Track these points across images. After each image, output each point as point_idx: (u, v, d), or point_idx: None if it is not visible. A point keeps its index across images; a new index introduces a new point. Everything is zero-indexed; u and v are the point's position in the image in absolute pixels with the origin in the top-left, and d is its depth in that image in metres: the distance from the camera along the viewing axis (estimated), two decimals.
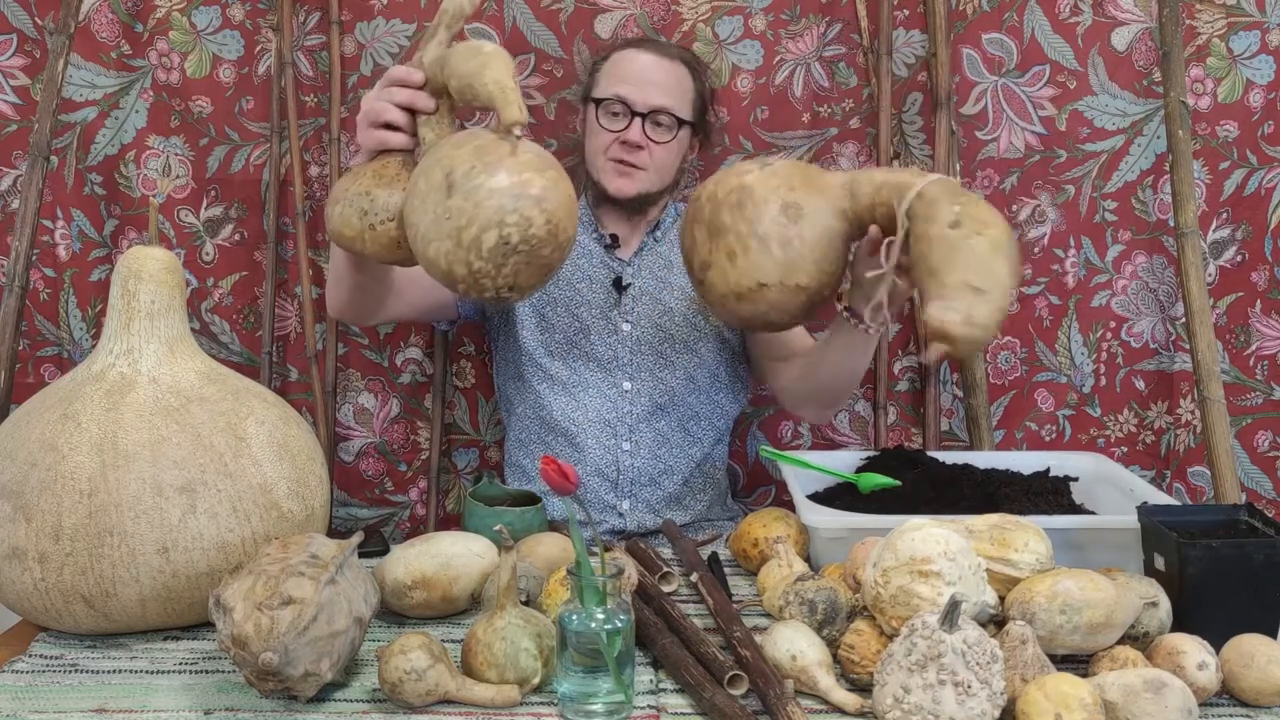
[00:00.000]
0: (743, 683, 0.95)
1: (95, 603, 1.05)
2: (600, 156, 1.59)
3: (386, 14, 1.78)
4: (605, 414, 1.61)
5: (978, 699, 0.87)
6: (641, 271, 1.65)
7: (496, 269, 1.03)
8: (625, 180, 1.58)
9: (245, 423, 1.13)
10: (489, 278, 1.04)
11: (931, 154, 1.77)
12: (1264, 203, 1.78)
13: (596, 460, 1.61)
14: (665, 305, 1.63)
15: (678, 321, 1.63)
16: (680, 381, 1.62)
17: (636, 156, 1.57)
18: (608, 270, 1.64)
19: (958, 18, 1.78)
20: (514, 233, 1.01)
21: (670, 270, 1.65)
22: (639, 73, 1.57)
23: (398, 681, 0.94)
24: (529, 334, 1.62)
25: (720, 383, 1.66)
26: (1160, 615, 1.03)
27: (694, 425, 1.64)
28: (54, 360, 1.83)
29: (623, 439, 1.61)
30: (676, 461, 1.62)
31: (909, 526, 1.00)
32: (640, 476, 1.61)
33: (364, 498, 1.89)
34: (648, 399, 1.61)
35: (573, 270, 1.64)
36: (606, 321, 1.62)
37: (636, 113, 1.55)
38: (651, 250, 1.66)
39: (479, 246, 1.02)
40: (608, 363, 1.62)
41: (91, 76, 1.77)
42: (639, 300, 1.63)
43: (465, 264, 1.03)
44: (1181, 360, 1.80)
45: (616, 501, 1.61)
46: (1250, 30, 1.75)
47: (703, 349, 1.63)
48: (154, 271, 1.15)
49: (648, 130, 1.56)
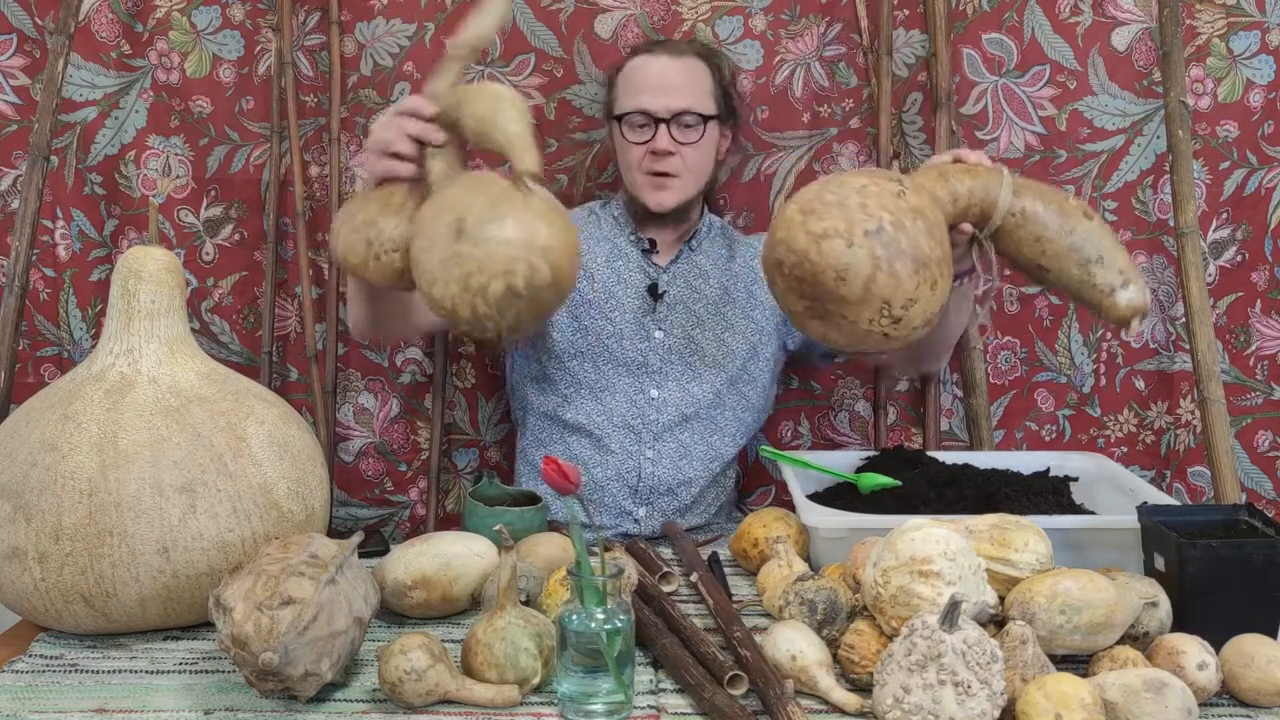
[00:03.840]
0: (743, 683, 0.95)
1: (95, 603, 1.05)
2: (634, 172, 1.58)
3: (386, 14, 1.78)
4: (630, 419, 1.60)
5: (978, 699, 0.87)
6: (677, 279, 1.63)
7: (500, 314, 1.06)
8: (664, 194, 1.57)
9: (245, 423, 1.13)
10: (492, 320, 1.06)
11: (931, 154, 1.77)
12: (1264, 203, 1.78)
13: (619, 465, 1.60)
14: (698, 316, 1.62)
15: (708, 335, 1.62)
16: (707, 396, 1.61)
17: (668, 164, 1.56)
18: (644, 275, 1.63)
19: (958, 18, 1.78)
20: (520, 282, 1.04)
21: (705, 281, 1.64)
22: (655, 79, 1.56)
23: (398, 681, 0.94)
24: (560, 334, 1.61)
25: (747, 401, 1.65)
26: (1160, 615, 1.03)
27: (717, 440, 1.63)
28: (54, 360, 1.83)
29: (646, 446, 1.60)
30: (696, 474, 1.62)
31: (909, 526, 1.00)
32: (660, 485, 1.60)
33: (364, 498, 1.89)
34: (674, 409, 1.60)
35: (609, 274, 1.62)
36: (639, 327, 1.61)
37: (659, 120, 1.54)
38: (687, 259, 1.65)
39: (485, 293, 1.04)
40: (637, 368, 1.61)
41: (91, 76, 1.77)
42: (673, 309, 1.62)
43: (470, 307, 1.06)
44: (1181, 360, 1.80)
45: (634, 508, 1.60)
46: (1250, 30, 1.75)
47: (731, 366, 1.62)
48: (154, 271, 1.15)
49: (675, 135, 1.55)
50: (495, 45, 1.78)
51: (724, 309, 1.63)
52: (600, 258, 1.64)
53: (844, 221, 1.09)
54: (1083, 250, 1.23)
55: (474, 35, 1.17)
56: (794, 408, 1.87)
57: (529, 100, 1.78)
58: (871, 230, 1.08)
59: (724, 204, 1.82)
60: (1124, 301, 1.23)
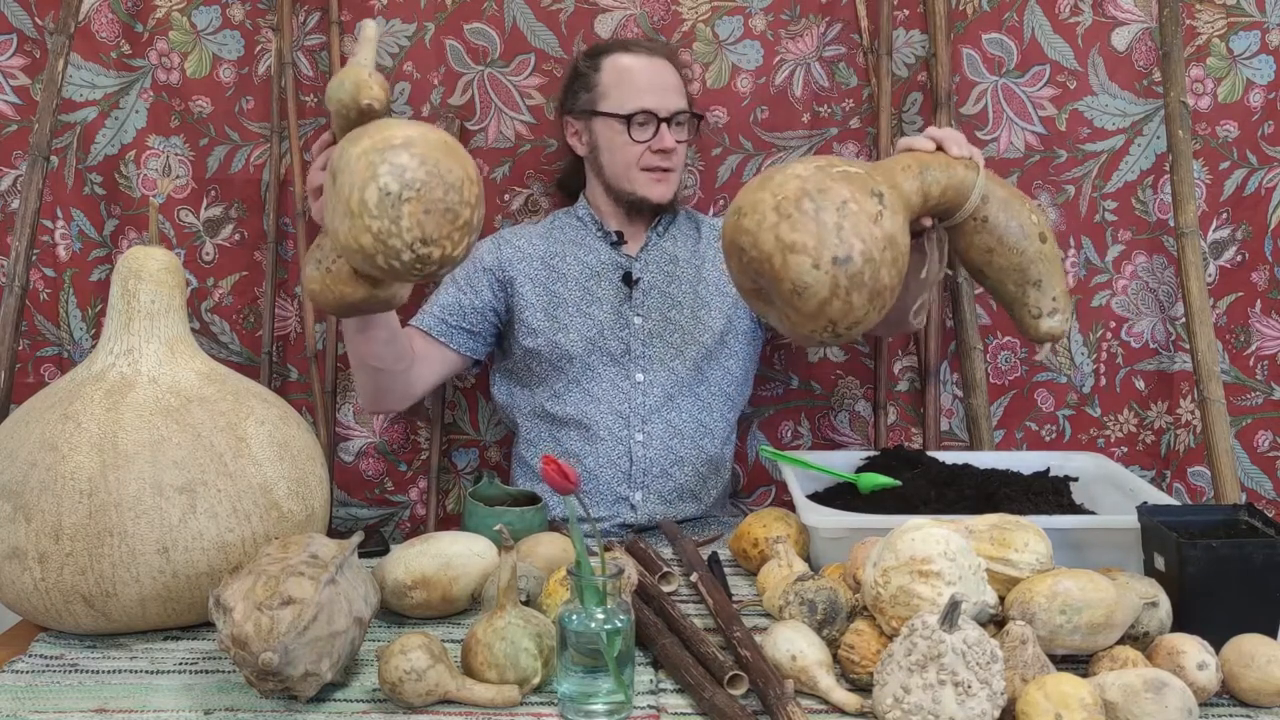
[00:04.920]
0: (743, 683, 0.95)
1: (95, 603, 1.05)
2: (631, 169, 1.63)
3: (386, 14, 1.78)
4: (618, 405, 1.63)
5: (978, 699, 0.87)
6: (650, 266, 1.68)
7: (394, 223, 1.02)
8: (664, 187, 1.64)
9: (245, 423, 1.13)
10: (395, 237, 1.02)
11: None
12: (1264, 203, 1.78)
13: (609, 451, 1.62)
14: (674, 299, 1.66)
15: (685, 315, 1.66)
16: (690, 372, 1.65)
17: (670, 160, 1.63)
18: (616, 266, 1.67)
19: (958, 18, 1.78)
20: (390, 181, 1.01)
21: (676, 265, 1.68)
22: (652, 80, 1.62)
23: (398, 681, 0.94)
24: (542, 338, 1.63)
25: (729, 373, 1.68)
26: (1160, 615, 1.03)
27: (706, 417, 1.66)
28: (54, 360, 1.83)
29: (635, 429, 1.63)
30: (688, 453, 1.64)
31: (909, 526, 1.00)
32: (652, 467, 1.62)
33: (364, 498, 1.89)
34: (660, 390, 1.64)
35: (581, 270, 1.66)
36: (618, 316, 1.65)
37: (661, 119, 1.60)
38: (656, 245, 1.70)
39: (366, 206, 1.01)
40: (620, 356, 1.64)
41: (91, 76, 1.77)
42: (648, 294, 1.66)
43: (366, 230, 1.02)
44: (1181, 360, 1.80)
45: (629, 493, 1.62)
46: (1250, 30, 1.75)
47: (709, 341, 1.65)
48: (154, 271, 1.15)
49: (674, 134, 1.62)
50: (496, 45, 1.79)
51: (697, 287, 1.67)
52: (570, 257, 1.68)
53: (815, 240, 1.07)
54: (1026, 272, 1.27)
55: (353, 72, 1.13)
56: (794, 408, 1.87)
57: (529, 100, 1.79)
58: (840, 259, 1.07)
59: (724, 205, 1.82)
60: (1045, 327, 1.29)
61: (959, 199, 1.24)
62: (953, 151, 1.26)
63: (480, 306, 1.65)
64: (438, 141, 1.05)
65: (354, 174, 1.02)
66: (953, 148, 1.26)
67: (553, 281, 1.66)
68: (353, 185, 1.02)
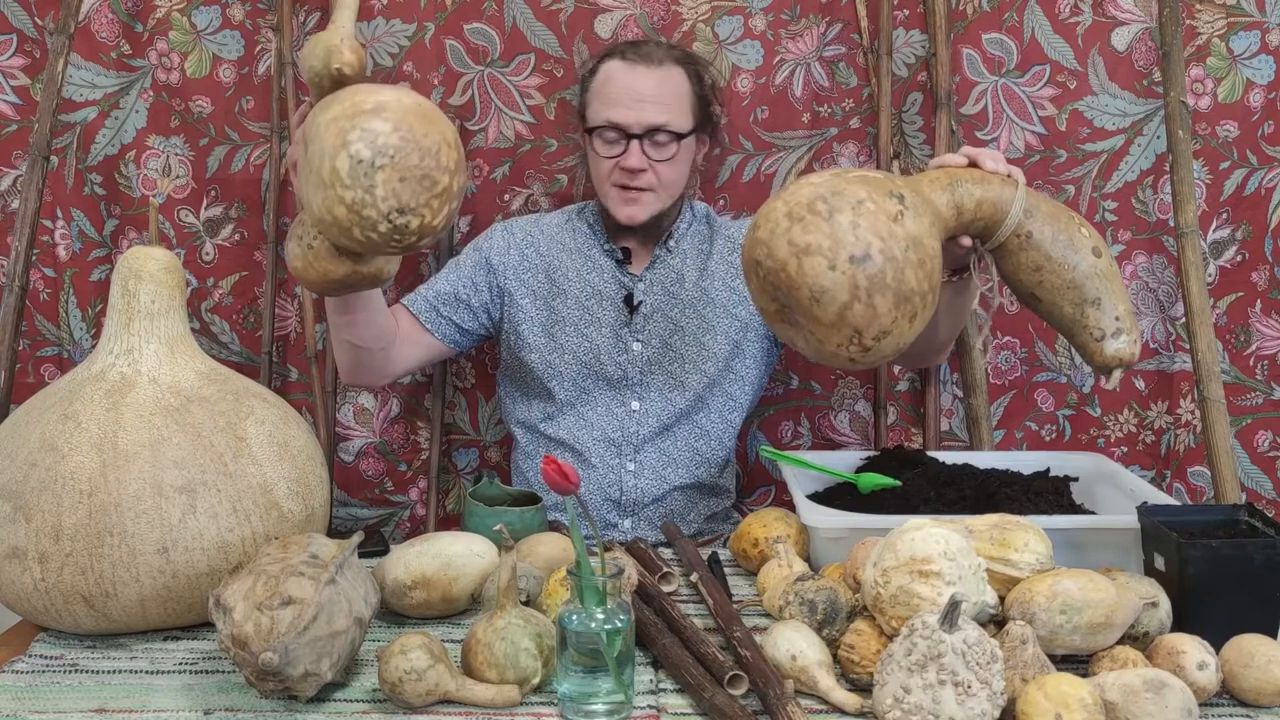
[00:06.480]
0: (743, 683, 0.95)
1: (95, 603, 1.05)
2: (605, 184, 1.55)
3: (386, 14, 1.78)
4: (611, 433, 1.59)
5: (978, 699, 0.87)
6: (653, 287, 1.61)
7: (369, 193, 0.99)
8: (635, 207, 1.53)
9: (245, 423, 1.13)
10: (370, 207, 0.99)
11: (931, 154, 1.77)
12: (1264, 203, 1.78)
13: (600, 479, 1.59)
14: (676, 323, 1.59)
15: (687, 341, 1.59)
16: (689, 402, 1.59)
17: (640, 180, 1.51)
18: (619, 287, 1.60)
19: (958, 18, 1.78)
20: (362, 148, 0.98)
21: (681, 284, 1.61)
22: (627, 91, 1.50)
23: (398, 681, 0.94)
24: (538, 355, 1.59)
25: (733, 400, 1.63)
26: (1160, 615, 1.03)
27: (703, 444, 1.61)
28: (54, 360, 1.83)
29: (627, 459, 1.59)
30: (682, 481, 1.60)
31: (909, 526, 1.00)
32: (643, 497, 1.59)
33: (364, 498, 1.89)
34: (655, 420, 1.59)
35: (582, 287, 1.60)
36: (617, 340, 1.59)
37: (632, 135, 1.49)
38: (663, 262, 1.62)
39: (339, 175, 0.99)
40: (617, 382, 1.59)
41: (91, 76, 1.77)
42: (650, 319, 1.59)
43: (340, 201, 0.99)
44: (1181, 360, 1.80)
45: (619, 520, 1.60)
46: (1250, 30, 1.75)
47: (713, 370, 1.59)
48: (154, 271, 1.15)
49: (647, 151, 1.50)
50: (496, 45, 1.78)
51: (703, 310, 1.60)
52: (573, 272, 1.61)
53: (830, 240, 1.03)
54: (1082, 289, 1.18)
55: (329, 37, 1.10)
56: (794, 408, 1.87)
57: (529, 100, 1.79)
58: (858, 256, 1.02)
59: (724, 205, 1.82)
60: (1111, 350, 1.18)
61: (997, 214, 1.18)
62: (987, 166, 1.20)
63: (475, 306, 1.60)
64: (412, 105, 1.01)
65: (324, 142, 0.99)
66: (987, 163, 1.20)
67: (553, 297, 1.60)
68: (324, 154, 0.99)
